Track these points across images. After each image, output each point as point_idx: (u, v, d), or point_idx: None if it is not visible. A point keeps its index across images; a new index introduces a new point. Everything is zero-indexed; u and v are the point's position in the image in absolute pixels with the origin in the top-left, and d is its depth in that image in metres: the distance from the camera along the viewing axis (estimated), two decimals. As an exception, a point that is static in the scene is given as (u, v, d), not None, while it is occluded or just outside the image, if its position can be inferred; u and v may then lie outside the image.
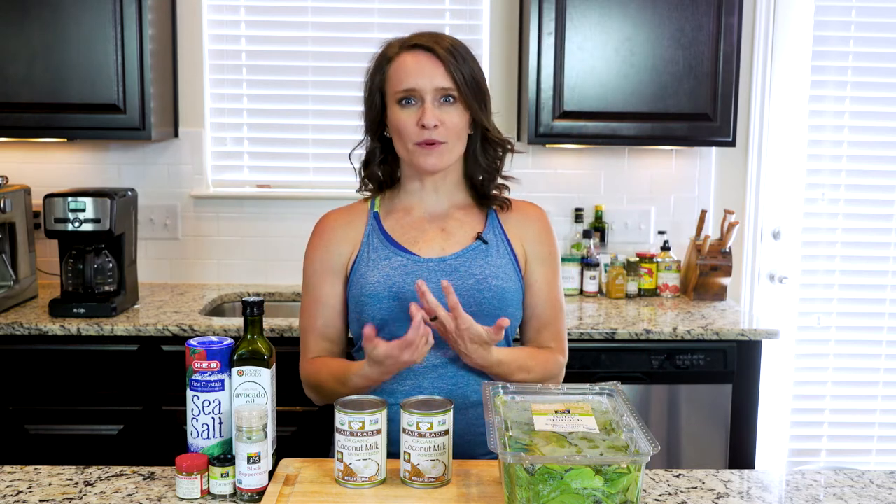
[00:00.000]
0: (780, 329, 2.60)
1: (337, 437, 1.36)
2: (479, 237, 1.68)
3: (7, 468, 1.48)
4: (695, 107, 2.81)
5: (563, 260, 3.01)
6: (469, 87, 1.62)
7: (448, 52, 1.61)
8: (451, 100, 1.62)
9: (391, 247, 1.66)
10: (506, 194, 1.75)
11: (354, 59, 3.08)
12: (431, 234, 1.68)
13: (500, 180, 1.74)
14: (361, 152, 1.76)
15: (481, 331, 1.54)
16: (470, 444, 1.61)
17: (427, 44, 1.62)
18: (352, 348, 1.74)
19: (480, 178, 1.72)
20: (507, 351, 1.64)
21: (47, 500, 1.36)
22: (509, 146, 1.72)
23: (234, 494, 1.37)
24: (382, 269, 1.64)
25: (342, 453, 1.35)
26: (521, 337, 1.78)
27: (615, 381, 1.46)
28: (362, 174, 1.75)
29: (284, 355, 1.73)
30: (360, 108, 1.74)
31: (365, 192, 1.77)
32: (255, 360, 1.39)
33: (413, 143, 1.61)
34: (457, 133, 1.63)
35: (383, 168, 1.73)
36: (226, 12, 3.10)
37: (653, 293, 3.02)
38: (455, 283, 1.61)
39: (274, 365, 1.42)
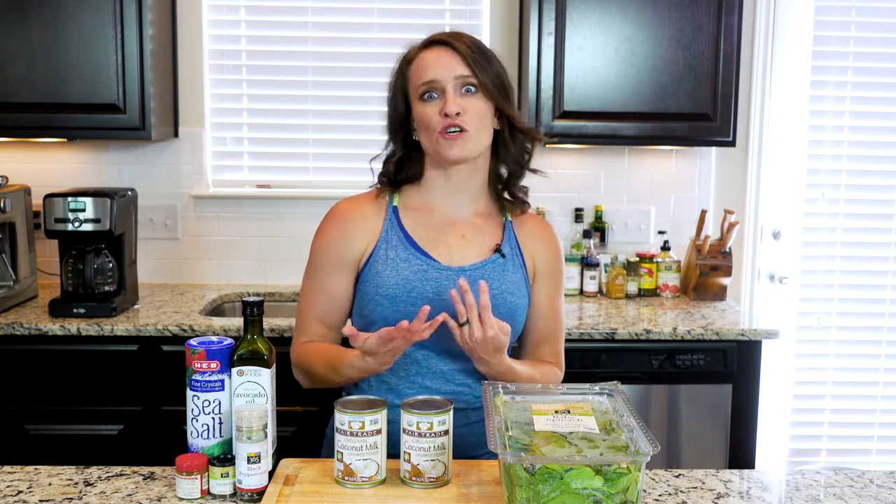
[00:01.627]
0: (780, 329, 2.60)
1: (337, 437, 1.36)
2: (497, 250, 1.67)
3: (7, 468, 1.47)
4: (695, 107, 2.81)
5: (563, 260, 3.01)
6: (488, 77, 1.61)
7: (467, 46, 1.61)
8: (473, 89, 1.60)
9: (411, 248, 1.64)
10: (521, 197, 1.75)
11: (354, 59, 3.09)
12: (451, 239, 1.67)
13: (527, 173, 1.72)
14: (379, 164, 1.73)
15: (503, 338, 1.53)
16: (474, 445, 1.62)
17: (444, 39, 1.62)
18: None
19: (508, 173, 1.70)
20: (517, 361, 1.64)
21: (47, 500, 1.36)
22: (537, 135, 1.70)
23: (234, 494, 1.37)
24: (402, 272, 1.62)
25: (342, 453, 1.35)
26: (519, 348, 1.77)
27: (615, 381, 1.46)
28: (381, 174, 1.72)
29: (284, 355, 1.73)
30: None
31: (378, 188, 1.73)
32: (255, 360, 1.39)
33: (437, 133, 1.59)
34: (480, 120, 1.61)
35: (399, 169, 1.69)
36: (226, 12, 3.10)
37: (653, 293, 3.01)
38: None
39: (274, 365, 1.42)
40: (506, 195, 1.72)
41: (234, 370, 1.39)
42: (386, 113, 1.70)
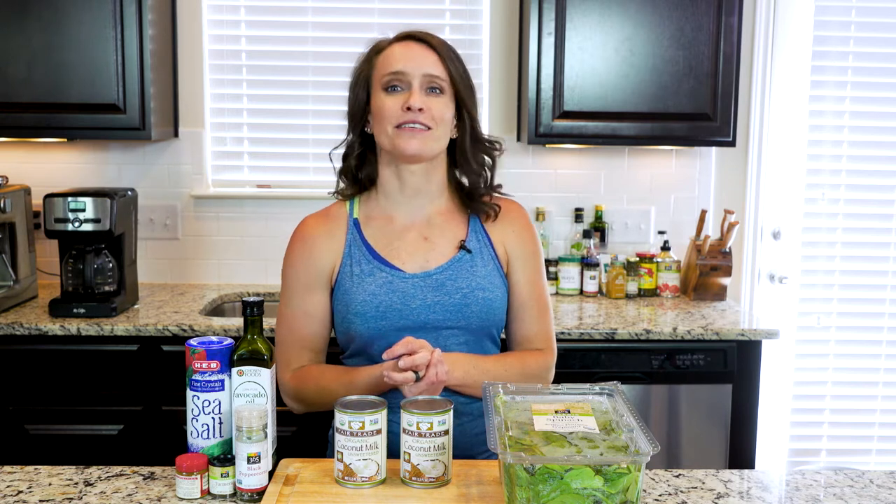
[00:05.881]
0: (780, 329, 2.60)
1: (337, 437, 1.36)
2: (462, 247, 1.64)
3: (7, 468, 1.48)
4: (695, 107, 2.81)
5: (563, 260, 3.01)
6: (460, 79, 1.60)
7: (441, 44, 1.61)
8: (439, 91, 1.59)
9: (374, 261, 1.62)
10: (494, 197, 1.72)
11: (355, 60, 3.08)
12: (414, 244, 1.64)
13: (489, 180, 1.70)
14: (342, 151, 1.73)
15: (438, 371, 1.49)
16: (465, 446, 1.61)
17: (420, 35, 1.62)
18: (340, 355, 1.71)
19: (469, 181, 1.68)
20: (477, 357, 1.62)
21: (47, 500, 1.36)
22: (498, 146, 1.69)
23: (234, 494, 1.37)
24: (368, 287, 1.60)
25: (342, 453, 1.35)
26: (508, 338, 1.74)
27: (615, 381, 1.46)
28: (341, 170, 1.71)
29: (284, 355, 1.73)
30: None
31: (338, 197, 1.71)
32: (255, 360, 1.39)
33: (394, 127, 1.57)
34: (442, 122, 1.59)
35: (361, 165, 1.68)
36: (226, 12, 3.10)
37: (653, 293, 3.01)
38: (442, 298, 1.60)
39: (274, 365, 1.42)
40: (471, 198, 1.69)
41: (234, 370, 1.39)
42: (347, 100, 1.68)
